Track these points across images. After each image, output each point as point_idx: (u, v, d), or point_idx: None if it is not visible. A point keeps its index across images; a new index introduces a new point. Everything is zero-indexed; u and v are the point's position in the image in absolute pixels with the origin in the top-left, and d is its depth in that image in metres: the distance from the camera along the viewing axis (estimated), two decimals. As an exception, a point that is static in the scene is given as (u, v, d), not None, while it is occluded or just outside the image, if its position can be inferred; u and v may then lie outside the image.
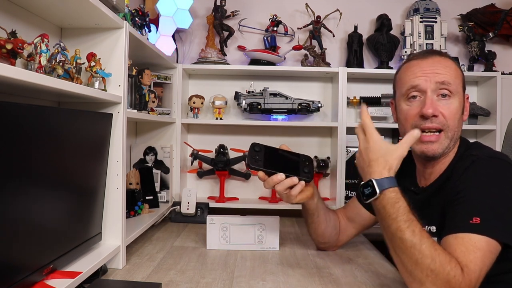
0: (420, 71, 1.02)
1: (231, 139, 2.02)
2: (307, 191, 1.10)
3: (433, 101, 0.99)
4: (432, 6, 2.00)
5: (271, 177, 1.03)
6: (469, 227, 0.85)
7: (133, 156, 1.84)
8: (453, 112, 1.00)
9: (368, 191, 0.92)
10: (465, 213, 0.87)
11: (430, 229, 1.01)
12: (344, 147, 1.90)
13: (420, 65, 1.03)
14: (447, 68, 1.02)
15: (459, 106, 1.02)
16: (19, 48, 0.73)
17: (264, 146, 1.06)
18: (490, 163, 0.94)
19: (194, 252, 1.31)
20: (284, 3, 2.12)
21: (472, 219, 0.85)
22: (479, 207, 0.87)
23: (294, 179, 1.04)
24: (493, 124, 1.94)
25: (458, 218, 0.88)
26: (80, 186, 1.00)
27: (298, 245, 1.42)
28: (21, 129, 0.73)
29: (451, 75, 1.01)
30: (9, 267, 0.75)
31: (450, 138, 1.00)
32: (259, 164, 1.03)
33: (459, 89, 1.02)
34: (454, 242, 0.85)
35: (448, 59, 1.05)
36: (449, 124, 1.00)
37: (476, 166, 0.94)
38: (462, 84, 1.04)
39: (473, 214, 0.85)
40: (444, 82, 1.00)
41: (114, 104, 1.14)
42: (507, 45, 2.15)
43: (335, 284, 1.06)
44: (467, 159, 0.97)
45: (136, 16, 1.35)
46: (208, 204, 1.81)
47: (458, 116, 1.01)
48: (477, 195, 0.90)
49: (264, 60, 1.96)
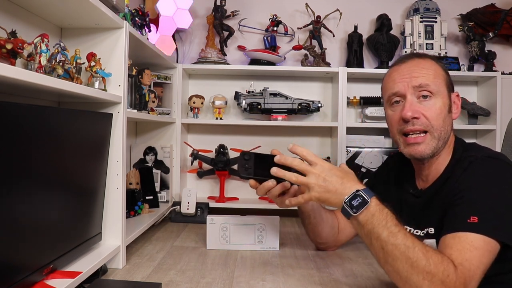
0: (399, 77, 1.04)
1: (231, 139, 2.03)
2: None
3: (412, 104, 1.00)
4: (432, 6, 2.00)
5: (262, 184, 1.02)
6: (466, 226, 0.85)
7: (133, 156, 1.84)
8: (436, 112, 1.00)
9: (357, 201, 0.89)
10: (463, 213, 0.87)
11: (428, 231, 1.01)
12: (344, 147, 1.90)
13: (398, 70, 1.05)
14: (425, 69, 1.02)
15: (443, 105, 1.01)
16: (19, 48, 0.73)
17: (253, 153, 1.05)
18: (488, 163, 0.94)
19: (194, 252, 1.31)
20: (284, 3, 2.12)
21: (470, 219, 0.85)
22: (478, 207, 0.87)
23: (286, 184, 1.03)
24: (493, 124, 1.94)
25: (456, 218, 0.88)
26: (80, 186, 1.00)
27: (298, 245, 1.42)
28: (21, 129, 0.73)
29: (429, 76, 1.01)
30: (9, 267, 0.75)
31: (437, 138, 1.01)
32: (249, 173, 1.02)
33: (440, 88, 1.02)
34: (451, 241, 0.85)
35: (428, 59, 1.05)
36: (433, 124, 1.00)
37: (474, 166, 0.94)
38: (446, 83, 1.04)
39: (471, 214, 0.86)
40: (421, 84, 1.00)
41: (114, 104, 1.14)
42: (507, 45, 2.15)
43: (335, 284, 1.06)
44: (465, 160, 0.97)
45: (136, 16, 1.35)
46: (208, 204, 1.81)
47: (443, 116, 1.01)
48: (475, 195, 0.90)
49: (264, 60, 1.96)
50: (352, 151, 1.96)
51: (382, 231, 0.85)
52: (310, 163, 0.95)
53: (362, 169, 1.96)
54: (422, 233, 1.02)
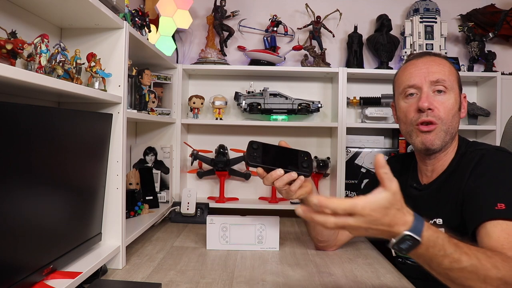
0: (416, 70, 1.08)
1: (231, 139, 2.03)
2: (306, 187, 1.10)
3: (428, 95, 1.06)
4: (432, 6, 2.00)
5: (270, 173, 1.03)
6: (496, 213, 0.87)
7: (133, 156, 1.84)
8: (448, 107, 1.05)
9: (406, 245, 0.73)
10: (488, 202, 0.90)
11: (436, 221, 1.03)
12: (344, 147, 1.90)
13: (415, 64, 1.10)
14: (441, 65, 1.08)
15: (455, 102, 1.07)
16: (19, 48, 0.73)
17: (261, 143, 1.06)
18: (500, 154, 1.00)
19: (194, 252, 1.31)
20: (284, 3, 2.12)
21: (497, 206, 0.88)
22: (502, 194, 0.90)
23: (293, 174, 1.04)
24: (493, 124, 1.94)
25: (483, 208, 0.91)
26: (80, 186, 1.00)
27: (298, 245, 1.42)
28: (21, 129, 0.73)
29: (445, 72, 1.07)
30: (9, 267, 0.75)
31: (445, 132, 1.05)
32: (257, 161, 1.03)
33: (454, 85, 1.08)
34: (491, 231, 0.87)
35: (443, 58, 1.11)
36: (444, 117, 1.05)
37: (487, 158, 0.99)
38: (458, 82, 1.10)
39: (497, 201, 0.89)
40: (439, 80, 1.06)
41: (114, 104, 1.14)
42: (507, 45, 2.15)
43: (335, 284, 1.06)
44: (475, 153, 1.02)
45: (136, 16, 1.35)
46: (208, 204, 1.81)
47: (454, 112, 1.06)
48: (496, 184, 0.93)
49: (264, 61, 1.96)
50: (352, 151, 1.96)
51: (441, 260, 0.75)
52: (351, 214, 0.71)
53: (362, 169, 1.96)
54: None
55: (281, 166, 1.03)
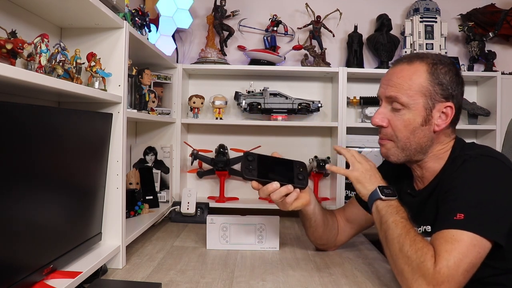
0: (383, 80, 1.08)
1: (231, 139, 2.03)
2: (302, 198, 1.10)
3: (382, 111, 1.06)
4: (432, 6, 2.00)
5: (266, 186, 1.03)
6: (452, 223, 0.86)
7: (133, 156, 1.84)
8: (403, 124, 1.01)
9: (388, 191, 1.04)
10: (450, 210, 0.88)
11: (426, 228, 1.02)
12: (344, 147, 1.90)
13: (387, 73, 1.08)
14: (402, 78, 1.00)
15: (413, 117, 0.99)
16: (19, 48, 0.73)
17: (257, 155, 1.05)
18: (482, 161, 0.94)
19: (194, 252, 1.31)
20: (284, 3, 2.12)
21: (456, 216, 0.86)
22: (465, 204, 0.88)
23: (289, 187, 1.04)
24: (493, 124, 1.94)
25: (445, 216, 0.89)
26: (80, 186, 1.00)
27: (298, 245, 1.42)
28: (21, 129, 0.73)
29: (403, 87, 0.99)
30: (9, 267, 0.75)
31: (402, 148, 1.03)
32: (253, 174, 1.03)
33: (415, 100, 0.99)
34: (436, 237, 0.87)
35: (418, 66, 1.00)
36: (398, 135, 1.02)
37: (466, 164, 0.94)
38: (426, 94, 0.98)
39: (458, 211, 0.86)
40: (391, 96, 1.02)
41: (114, 104, 1.14)
42: (507, 45, 2.15)
43: (335, 284, 1.06)
44: (460, 159, 0.97)
45: (136, 16, 1.35)
46: (208, 204, 1.81)
47: (411, 128, 1.00)
48: (464, 192, 0.90)
49: (264, 60, 1.96)
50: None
51: (389, 217, 0.97)
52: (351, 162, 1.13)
53: (362, 169, 1.95)
54: (420, 231, 1.03)
55: (277, 178, 1.03)
